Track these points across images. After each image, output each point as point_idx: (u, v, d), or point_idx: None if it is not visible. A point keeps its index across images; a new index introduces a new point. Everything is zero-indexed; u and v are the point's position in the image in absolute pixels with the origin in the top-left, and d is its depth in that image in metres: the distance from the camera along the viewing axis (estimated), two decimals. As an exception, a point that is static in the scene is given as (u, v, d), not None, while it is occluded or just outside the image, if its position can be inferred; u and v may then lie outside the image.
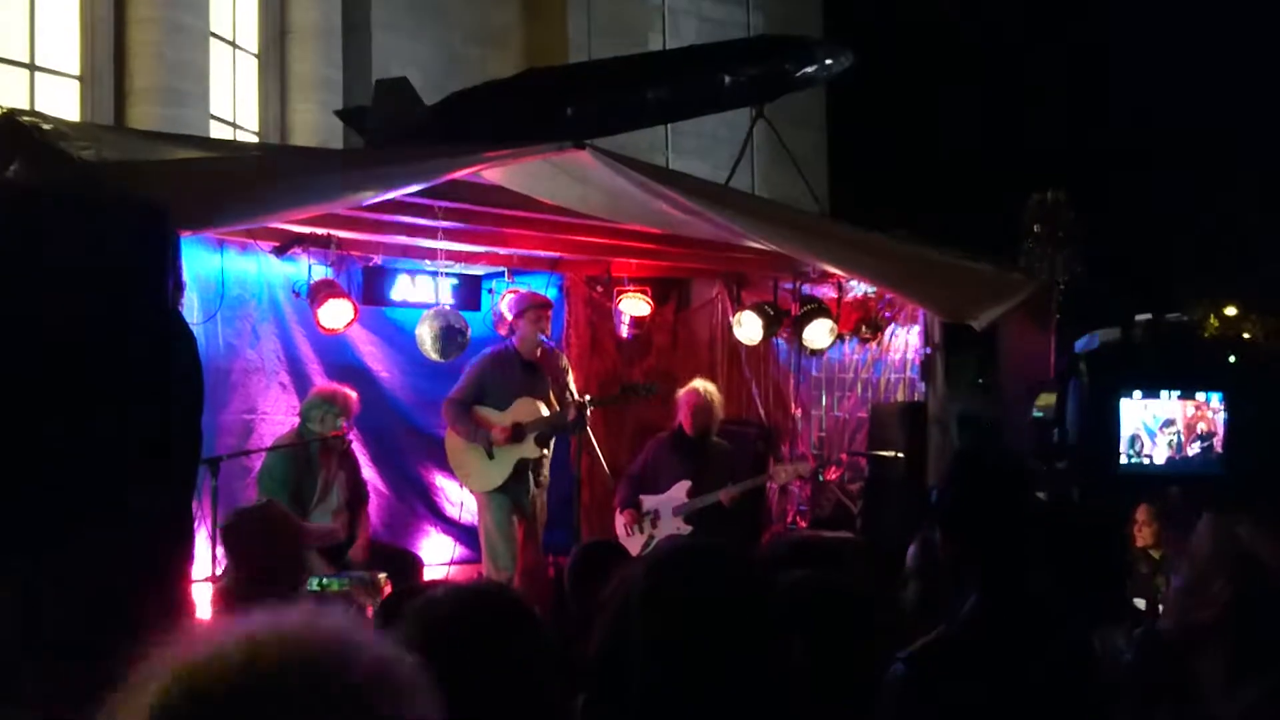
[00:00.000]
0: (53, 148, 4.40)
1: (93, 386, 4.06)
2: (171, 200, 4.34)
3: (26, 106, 11.14)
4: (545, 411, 7.12)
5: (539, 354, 7.27)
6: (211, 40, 12.03)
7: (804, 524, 8.17)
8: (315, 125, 13.16)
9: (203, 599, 5.64)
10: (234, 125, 12.81)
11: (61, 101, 11.03)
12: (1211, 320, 21.10)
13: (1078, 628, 3.09)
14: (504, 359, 7.24)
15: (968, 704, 2.75)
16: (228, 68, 12.88)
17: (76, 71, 11.63)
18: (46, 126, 4.54)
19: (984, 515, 2.95)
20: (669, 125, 12.80)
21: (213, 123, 12.03)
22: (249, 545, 3.90)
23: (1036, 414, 5.98)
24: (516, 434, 7.01)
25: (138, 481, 4.11)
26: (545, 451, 7.21)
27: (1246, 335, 21.92)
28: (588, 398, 7.19)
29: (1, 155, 4.44)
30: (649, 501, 7.43)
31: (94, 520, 3.92)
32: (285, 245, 6.91)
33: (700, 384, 7.57)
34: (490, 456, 7.06)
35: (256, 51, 13.28)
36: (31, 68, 11.36)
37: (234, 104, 12.97)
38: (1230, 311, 22.75)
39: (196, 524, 5.41)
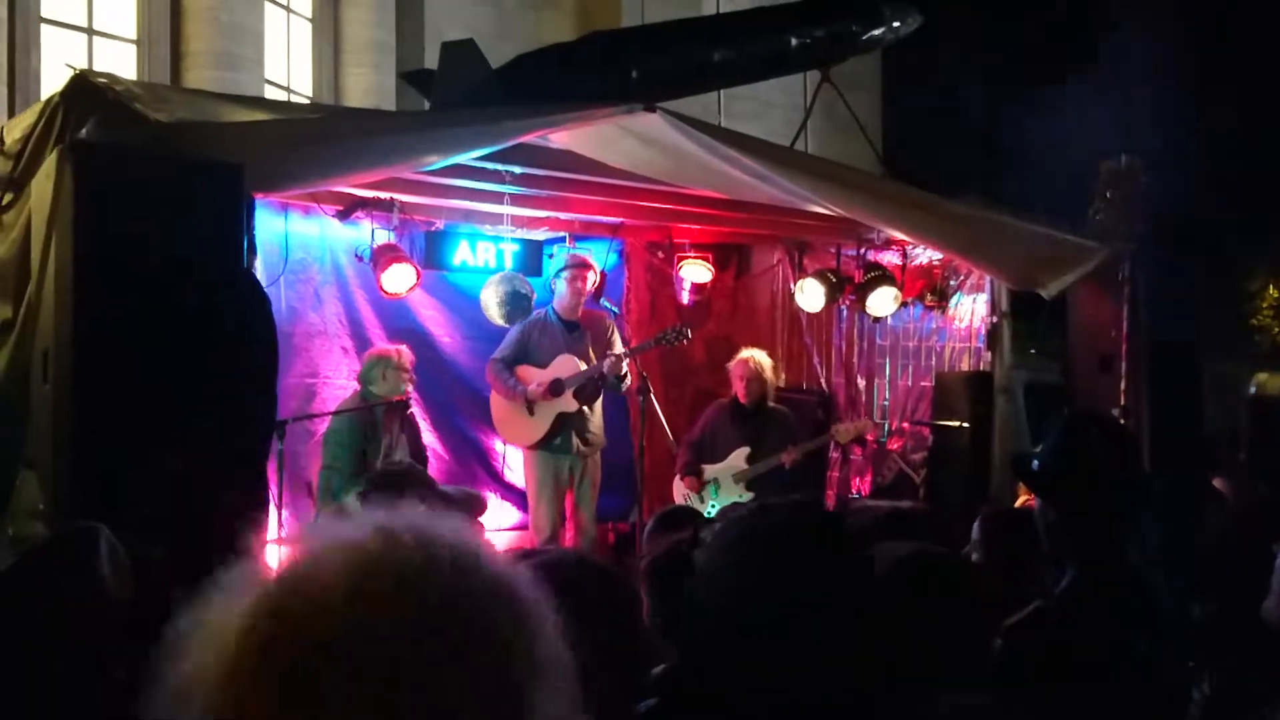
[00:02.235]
0: (128, 108, 4.38)
1: (172, 347, 4.05)
2: (246, 162, 4.33)
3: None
4: (584, 367, 7.12)
5: (580, 314, 7.25)
6: (266, 4, 12.03)
7: (866, 493, 8.11)
8: (368, 89, 13.14)
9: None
10: (287, 89, 12.81)
11: (118, 65, 11.05)
12: (1270, 291, 20.70)
13: (1178, 602, 3.02)
14: (545, 321, 7.29)
15: (1065, 679, 2.69)
16: (282, 31, 12.88)
17: (133, 35, 11.67)
18: (119, 88, 4.52)
19: (1087, 485, 2.86)
20: (723, 89, 12.64)
21: (266, 86, 12.04)
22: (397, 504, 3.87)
23: (1252, 390, 5.54)
24: (555, 388, 7.04)
25: (214, 442, 4.11)
26: (587, 409, 7.20)
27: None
28: (623, 349, 7.19)
29: (75, 115, 4.44)
30: (709, 470, 7.39)
31: (171, 479, 3.93)
32: (349, 209, 6.90)
33: (748, 353, 7.50)
34: (530, 413, 7.10)
35: (310, 15, 13.26)
36: (90, 32, 11.41)
37: (288, 68, 12.97)
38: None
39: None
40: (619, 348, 7.36)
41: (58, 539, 2.66)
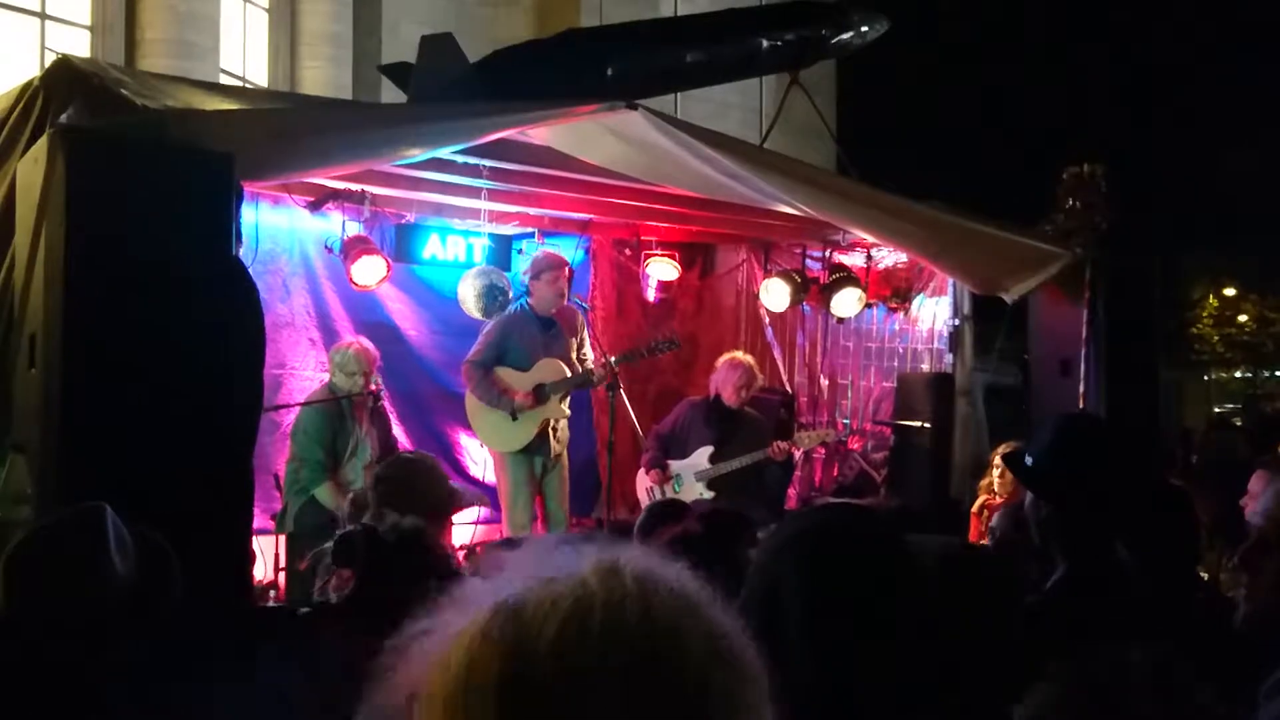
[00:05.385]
0: (114, 94, 4.34)
1: (160, 333, 4.03)
2: (234, 151, 4.31)
3: (37, 56, 11.05)
4: (568, 371, 7.12)
5: (555, 311, 7.25)
6: (223, -8, 11.95)
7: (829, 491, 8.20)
8: (324, 80, 13.08)
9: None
10: (243, 79, 12.71)
11: (71, 51, 10.91)
12: (1211, 300, 21.21)
13: (1166, 599, 3.09)
14: (520, 319, 7.21)
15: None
16: (238, 21, 12.77)
17: (88, 22, 11.53)
18: (104, 74, 4.48)
19: (1079, 482, 2.93)
20: (689, 90, 12.74)
21: (222, 76, 11.93)
22: (412, 492, 3.90)
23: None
24: (540, 395, 7.01)
25: (200, 428, 4.09)
26: (566, 409, 7.22)
27: (1243, 317, 22.07)
28: (613, 358, 7.18)
29: (56, 100, 4.39)
30: (673, 466, 7.42)
31: (158, 470, 3.91)
32: (320, 200, 6.87)
33: (746, 357, 7.51)
34: (514, 418, 7.07)
35: (267, 6, 13.17)
36: (43, 17, 11.26)
37: (244, 58, 12.87)
38: (1230, 292, 22.85)
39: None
40: (588, 342, 7.38)
41: (65, 518, 2.65)
